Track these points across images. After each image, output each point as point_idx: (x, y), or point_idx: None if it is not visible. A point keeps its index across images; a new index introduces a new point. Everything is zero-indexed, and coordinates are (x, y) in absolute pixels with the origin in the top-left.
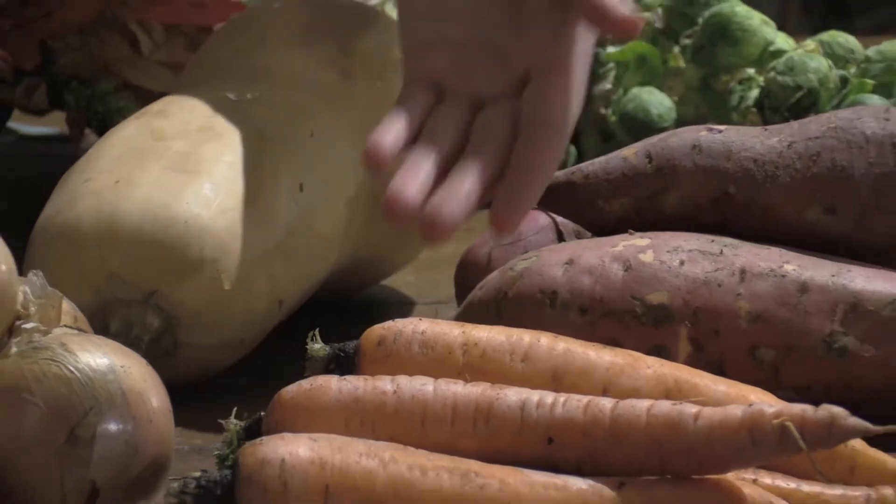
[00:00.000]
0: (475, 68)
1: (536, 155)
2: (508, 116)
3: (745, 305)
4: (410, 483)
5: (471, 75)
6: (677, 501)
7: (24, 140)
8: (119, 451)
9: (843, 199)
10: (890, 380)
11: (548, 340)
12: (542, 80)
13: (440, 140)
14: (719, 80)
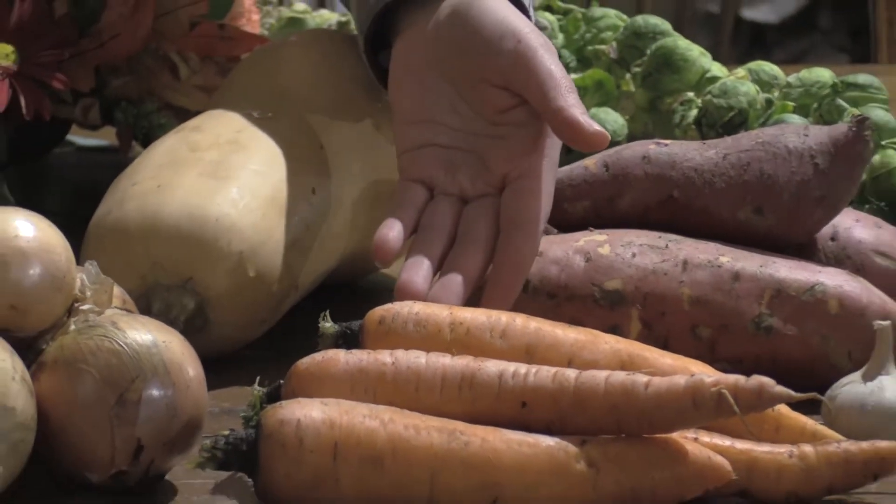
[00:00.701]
0: (460, 171)
1: (515, 253)
2: (490, 214)
3: (687, 291)
4: (406, 440)
5: (456, 177)
6: (631, 456)
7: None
8: (161, 413)
9: (769, 202)
10: (809, 354)
11: (522, 320)
12: (517, 184)
13: (435, 234)
14: (664, 102)
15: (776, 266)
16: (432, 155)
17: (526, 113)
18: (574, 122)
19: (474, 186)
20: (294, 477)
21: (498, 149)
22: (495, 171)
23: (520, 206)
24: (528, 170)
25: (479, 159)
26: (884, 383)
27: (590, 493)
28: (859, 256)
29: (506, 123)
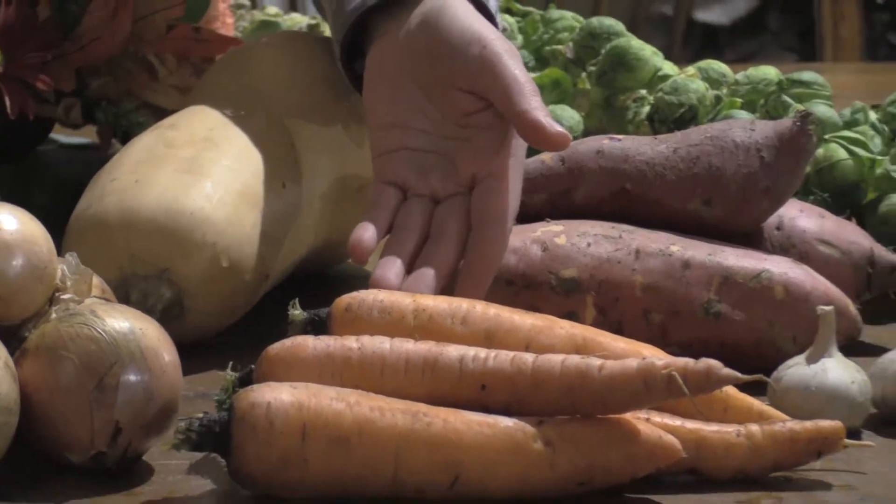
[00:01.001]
0: (431, 173)
1: (485, 247)
2: (461, 212)
3: (640, 278)
4: (371, 421)
5: (428, 179)
6: (585, 436)
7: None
8: (138, 397)
9: (718, 194)
10: (755, 338)
11: (481, 307)
12: (485, 183)
13: (408, 233)
14: (618, 99)
15: (724, 254)
16: (405, 158)
17: (492, 116)
18: (537, 124)
19: (444, 187)
20: (265, 457)
21: (466, 150)
22: (464, 171)
23: (488, 204)
24: (496, 169)
25: (448, 161)
26: (827, 366)
27: (546, 471)
28: (804, 245)
29: (473, 126)
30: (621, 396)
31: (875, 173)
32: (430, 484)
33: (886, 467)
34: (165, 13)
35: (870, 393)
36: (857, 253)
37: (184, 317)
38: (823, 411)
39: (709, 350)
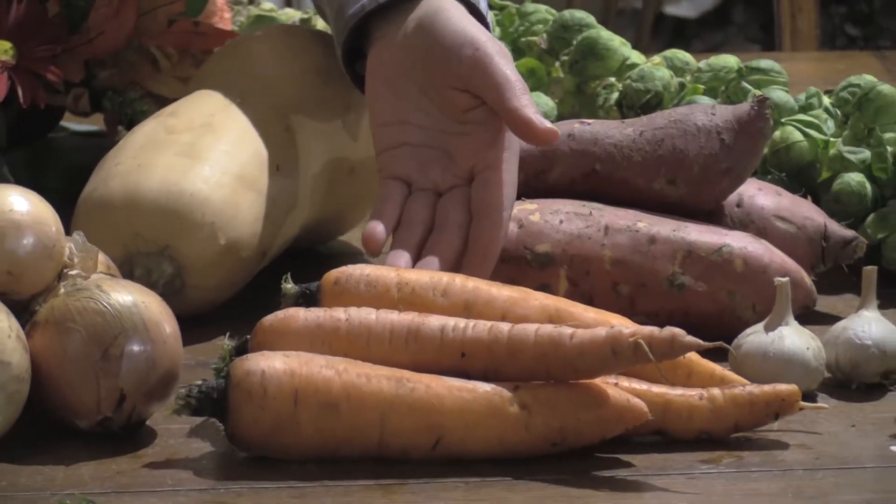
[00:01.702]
0: (431, 168)
1: (485, 234)
2: (462, 203)
3: (609, 253)
4: (358, 387)
5: (429, 173)
6: (558, 399)
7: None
8: (141, 366)
9: (681, 174)
10: (717, 308)
11: (461, 280)
12: (483, 175)
13: (414, 227)
14: (589, 86)
15: (688, 230)
16: (406, 154)
17: (485, 112)
18: (527, 121)
19: (445, 180)
20: (259, 421)
21: (463, 145)
22: (462, 164)
23: (486, 194)
24: (492, 162)
25: (447, 155)
26: (784, 333)
27: (522, 433)
28: (762, 221)
29: (469, 122)
30: (591, 362)
31: (828, 154)
32: (413, 445)
33: (839, 428)
34: (167, 9)
35: (824, 358)
36: (812, 228)
37: (184, 291)
38: (781, 376)
39: (673, 319)
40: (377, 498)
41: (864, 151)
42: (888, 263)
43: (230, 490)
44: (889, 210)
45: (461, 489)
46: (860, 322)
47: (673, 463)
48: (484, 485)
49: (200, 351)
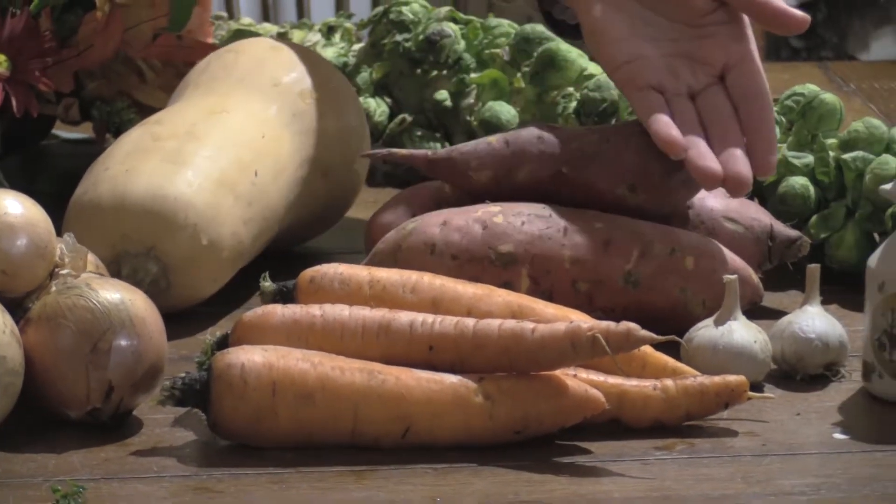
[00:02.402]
0: (680, 72)
1: (762, 118)
2: (724, 97)
3: (568, 252)
4: (333, 379)
5: (680, 77)
6: (521, 390)
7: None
8: (128, 359)
9: (642, 181)
10: (669, 304)
11: (429, 278)
12: (740, 67)
13: (693, 125)
14: (549, 96)
15: (642, 231)
16: (648, 64)
17: (726, 12)
18: (782, 11)
19: (698, 80)
20: (240, 411)
21: (711, 46)
22: (715, 63)
23: (749, 82)
24: (745, 54)
25: (690, 59)
26: (732, 327)
27: (487, 422)
28: (711, 222)
29: (711, 24)
30: (552, 355)
31: None
32: (384, 434)
33: (785, 416)
34: (152, 23)
35: (770, 351)
36: (759, 228)
37: (168, 289)
38: (730, 367)
39: (628, 315)
40: (350, 483)
41: (807, 156)
42: (830, 262)
43: (212, 476)
44: (831, 211)
45: (429, 475)
46: (804, 317)
47: (628, 450)
48: (451, 470)
49: (184, 345)
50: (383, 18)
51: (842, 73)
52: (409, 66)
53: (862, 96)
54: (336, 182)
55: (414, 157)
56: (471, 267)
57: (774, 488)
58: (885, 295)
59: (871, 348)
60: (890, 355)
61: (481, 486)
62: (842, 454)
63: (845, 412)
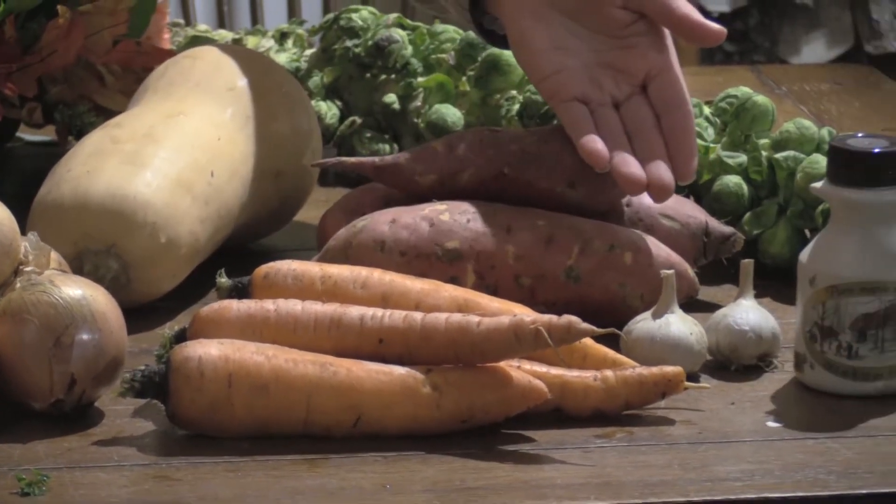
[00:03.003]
0: (603, 83)
1: (683, 127)
2: (646, 106)
3: (512, 249)
4: (286, 371)
5: (603, 87)
6: (467, 381)
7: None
8: (90, 353)
9: (581, 179)
10: (609, 297)
11: (379, 274)
12: (661, 77)
13: (618, 136)
14: (493, 99)
15: (582, 228)
16: (572, 76)
17: (646, 24)
18: (699, 24)
19: (621, 90)
20: (197, 402)
21: (633, 56)
22: (636, 73)
23: (670, 92)
24: (665, 64)
25: (612, 69)
26: (669, 320)
27: (434, 412)
28: (649, 219)
29: (632, 35)
30: (496, 348)
31: (709, 158)
32: (336, 423)
33: (720, 405)
34: (112, 30)
35: (706, 343)
36: (694, 225)
37: (128, 285)
38: (667, 358)
39: (570, 308)
40: (303, 471)
41: (741, 156)
42: (763, 257)
43: (171, 465)
44: (764, 209)
45: (379, 462)
46: (738, 310)
47: (570, 438)
48: (400, 458)
49: (143, 339)
50: (334, 25)
51: (773, 76)
52: (359, 71)
53: (793, 98)
54: (289, 182)
55: (362, 165)
56: (418, 263)
57: (710, 474)
58: (816, 289)
59: (802, 340)
60: (821, 346)
61: (429, 474)
62: (775, 441)
63: (778, 401)
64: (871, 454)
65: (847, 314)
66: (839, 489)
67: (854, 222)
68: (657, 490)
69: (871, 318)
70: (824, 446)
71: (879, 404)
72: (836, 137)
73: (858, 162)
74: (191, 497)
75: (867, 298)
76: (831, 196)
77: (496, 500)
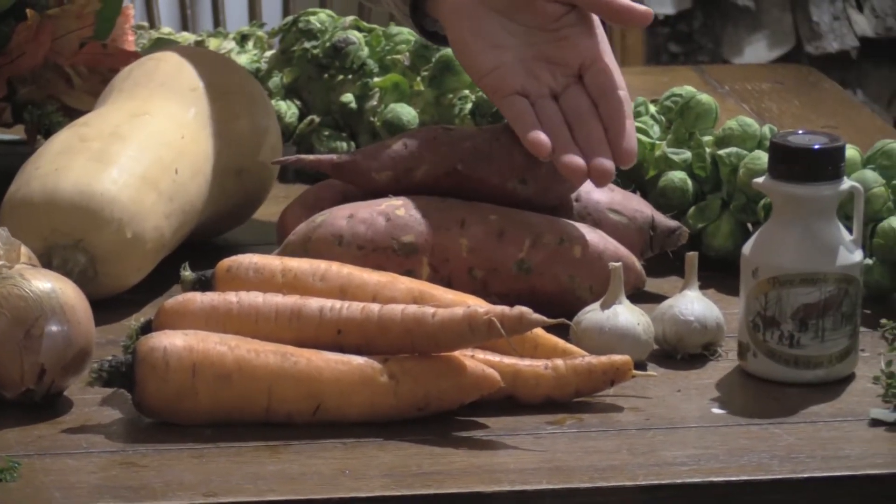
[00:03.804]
0: (541, 75)
1: (619, 113)
2: (584, 95)
3: (465, 242)
4: (248, 361)
5: (541, 79)
6: (422, 370)
7: None
8: (59, 344)
9: (531, 175)
10: (559, 289)
11: (337, 267)
12: (595, 66)
13: (559, 127)
14: (446, 98)
15: (533, 222)
16: (510, 71)
17: (576, 15)
18: (628, 7)
19: (558, 82)
20: (162, 391)
21: (566, 48)
22: (571, 63)
23: (605, 80)
24: (597, 53)
25: (549, 62)
26: (617, 311)
27: (391, 399)
28: (597, 213)
29: (563, 27)
30: (451, 338)
31: (655, 155)
32: (297, 411)
33: (666, 392)
34: (79, 33)
35: (652, 332)
36: (641, 219)
37: (96, 278)
38: (615, 348)
39: (521, 299)
40: (265, 457)
41: (685, 153)
42: (707, 250)
43: (137, 451)
44: (708, 203)
45: (338, 449)
46: (684, 301)
47: (522, 425)
48: (358, 445)
49: (110, 330)
50: (293, 27)
51: (717, 76)
52: (317, 72)
53: (735, 97)
54: (250, 179)
55: (321, 162)
56: (375, 256)
57: (657, 459)
58: (759, 280)
59: (745, 329)
60: (763, 336)
61: (387, 460)
62: (719, 427)
63: (722, 388)
64: (812, 439)
65: (788, 304)
66: (782, 473)
67: (794, 216)
68: (606, 474)
69: (811, 308)
70: (767, 432)
71: (820, 391)
72: (776, 134)
73: (798, 158)
74: (156, 482)
75: (807, 289)
76: (772, 191)
77: (451, 485)
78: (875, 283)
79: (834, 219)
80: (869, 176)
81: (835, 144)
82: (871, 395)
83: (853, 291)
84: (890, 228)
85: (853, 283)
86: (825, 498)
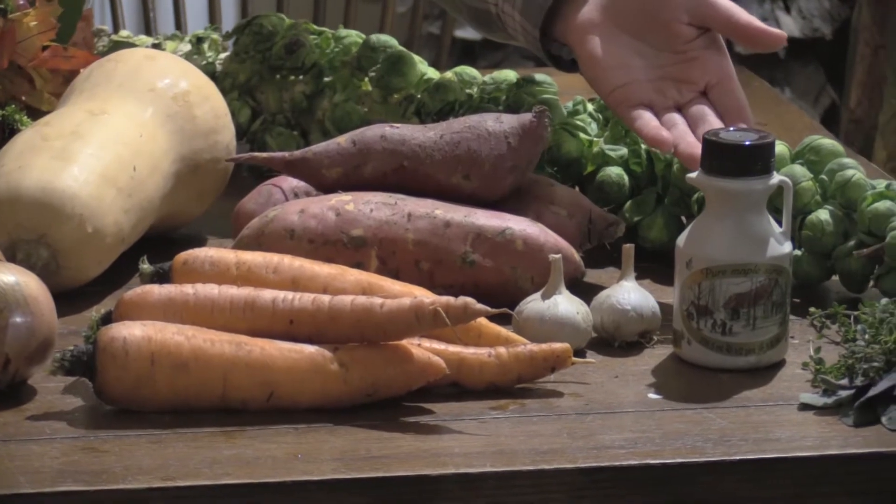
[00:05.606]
0: (667, 91)
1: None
2: (709, 106)
3: (411, 236)
4: (204, 350)
5: (667, 94)
6: (371, 358)
7: None
8: (23, 334)
9: (475, 170)
10: (502, 280)
11: (289, 259)
12: (721, 86)
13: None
14: (393, 98)
15: (477, 216)
16: (639, 87)
17: (707, 38)
18: (763, 30)
19: (683, 96)
20: (122, 379)
21: (693, 68)
22: (698, 81)
23: (732, 98)
24: (726, 73)
25: (677, 81)
26: (557, 301)
27: (342, 386)
28: (538, 207)
29: (694, 49)
30: (399, 327)
31: (592, 151)
32: (251, 398)
33: (604, 378)
34: (41, 36)
35: (591, 321)
36: (580, 213)
37: (58, 272)
38: (555, 336)
39: (466, 290)
40: (221, 442)
41: (622, 149)
42: (643, 242)
43: (98, 437)
44: (643, 197)
45: (291, 434)
46: (621, 291)
47: (467, 410)
48: (310, 430)
49: (72, 321)
50: (246, 30)
51: None
52: (270, 72)
53: None
54: (206, 176)
55: (273, 159)
56: (326, 249)
57: (596, 442)
58: (692, 271)
59: (680, 318)
60: (697, 324)
61: (337, 444)
62: (655, 412)
63: (658, 375)
64: (744, 423)
65: (721, 294)
66: (715, 456)
67: (726, 209)
68: (547, 457)
69: (743, 297)
70: (701, 416)
71: (751, 377)
72: (709, 131)
73: (730, 154)
74: (117, 467)
75: (739, 279)
76: (705, 185)
77: (399, 468)
78: (804, 273)
79: (764, 212)
80: (797, 171)
81: (765, 141)
82: (800, 380)
83: (783, 281)
84: (818, 221)
85: (783, 274)
86: (757, 479)
